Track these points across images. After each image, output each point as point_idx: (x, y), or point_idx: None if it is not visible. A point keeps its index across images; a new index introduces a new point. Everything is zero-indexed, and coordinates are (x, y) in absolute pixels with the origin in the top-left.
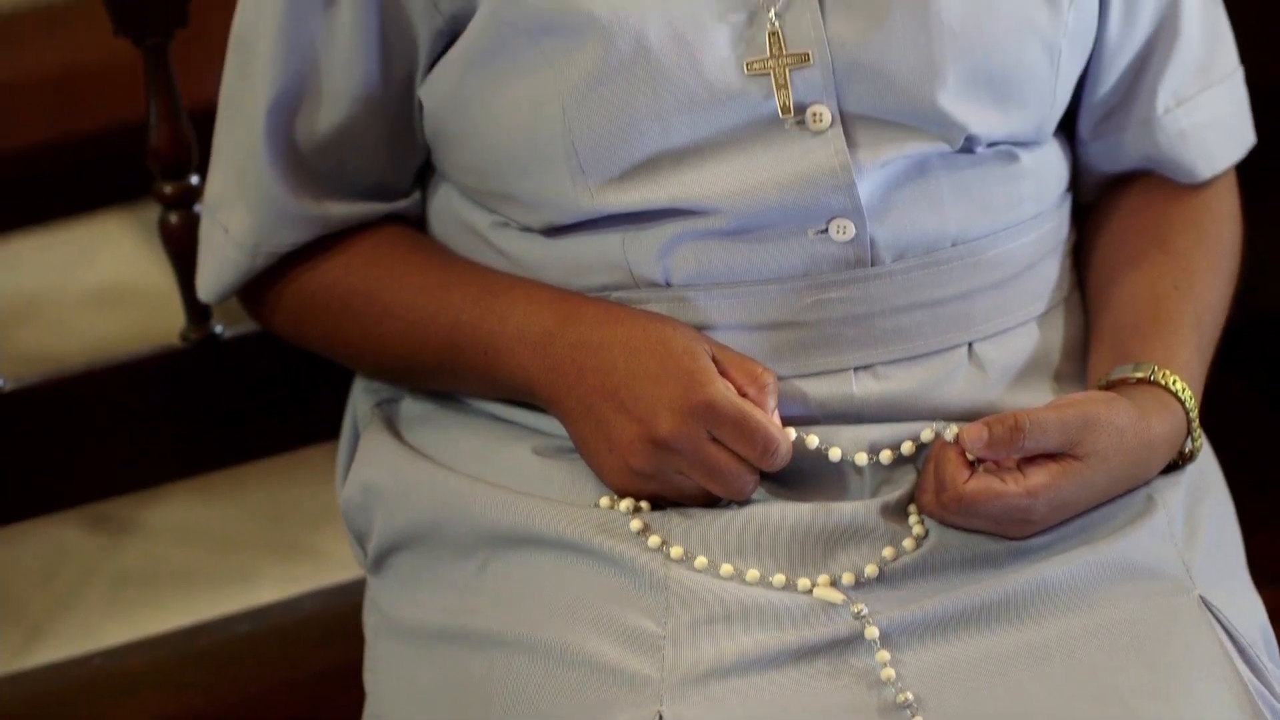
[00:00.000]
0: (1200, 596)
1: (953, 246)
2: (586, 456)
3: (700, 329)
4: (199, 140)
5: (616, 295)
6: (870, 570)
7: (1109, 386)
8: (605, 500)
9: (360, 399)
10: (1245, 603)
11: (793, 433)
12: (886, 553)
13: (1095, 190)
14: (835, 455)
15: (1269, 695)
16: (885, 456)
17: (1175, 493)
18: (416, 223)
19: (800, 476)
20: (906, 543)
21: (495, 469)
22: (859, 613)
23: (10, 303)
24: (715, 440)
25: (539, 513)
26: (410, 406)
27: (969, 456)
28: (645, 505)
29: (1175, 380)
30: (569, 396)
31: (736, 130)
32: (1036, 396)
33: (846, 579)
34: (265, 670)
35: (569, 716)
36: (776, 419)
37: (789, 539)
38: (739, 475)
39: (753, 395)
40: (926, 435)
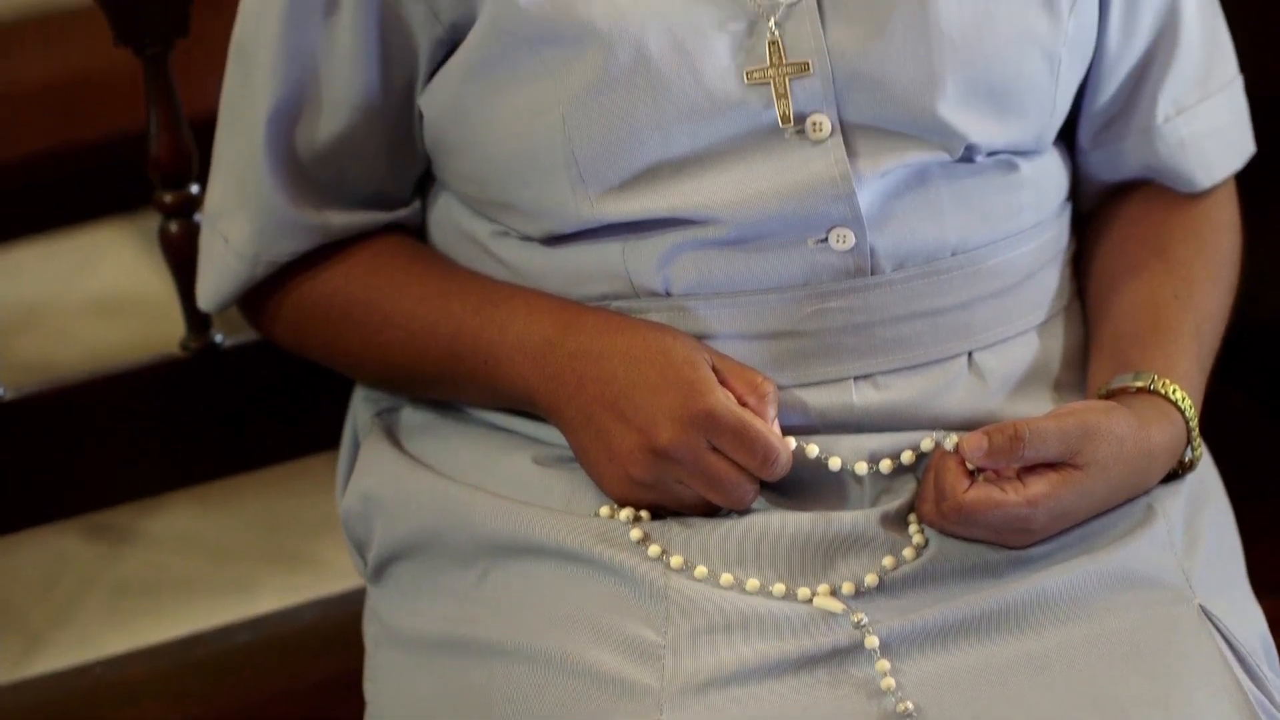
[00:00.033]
0: (1200, 606)
1: (952, 256)
2: (586, 466)
3: (700, 338)
4: (199, 149)
5: (616, 304)
6: (870, 579)
7: (1109, 396)
8: (605, 510)
9: (360, 408)
10: (1245, 612)
11: (793, 442)
12: (886, 562)
13: (1095, 199)
14: (835, 464)
15: (1269, 705)
16: (885, 466)
17: (1175, 502)
18: (416, 232)
19: (800, 486)
20: (906, 552)
21: (495, 478)
22: (859, 622)
23: (11, 311)
24: (715, 450)
25: (539, 522)
26: (410, 416)
27: (969, 466)
28: (645, 515)
29: (1175, 389)
30: (569, 406)
31: (736, 139)
32: (1036, 406)
33: (846, 588)
34: (265, 680)
35: None
36: (776, 428)
37: (789, 548)
38: (739, 485)
39: (753, 405)
40: (926, 444)
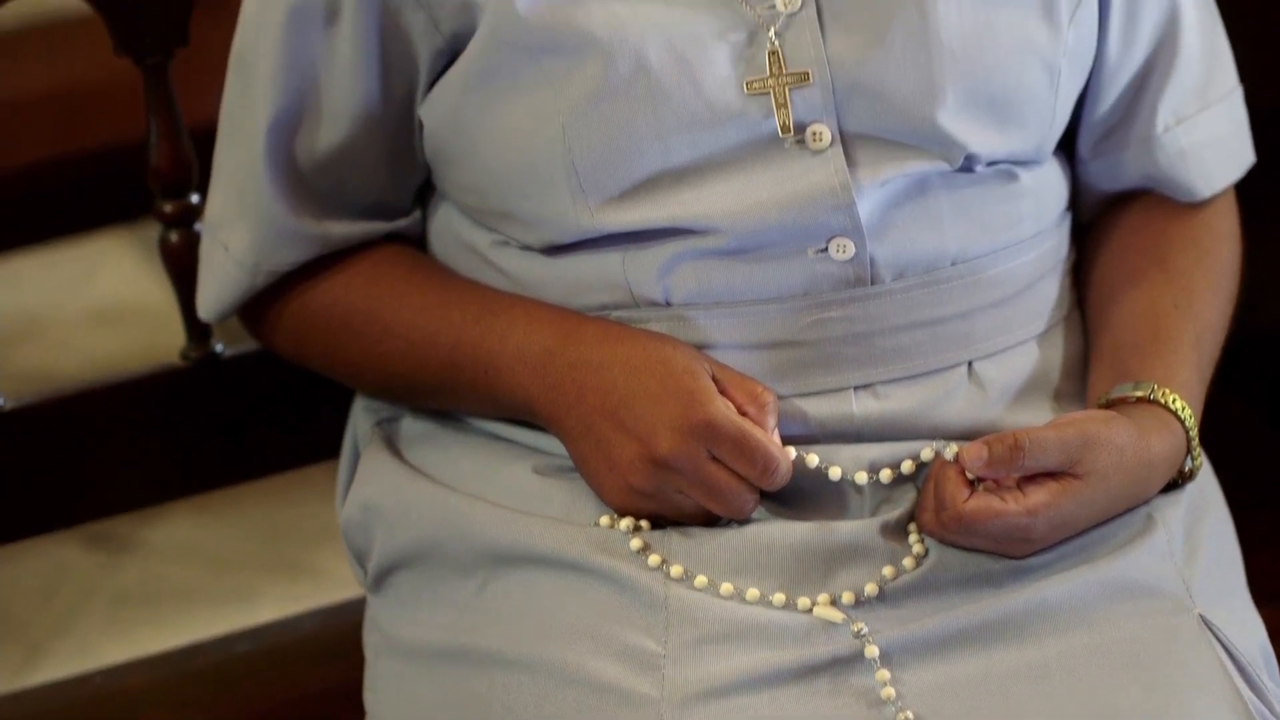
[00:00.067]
0: (1200, 615)
1: (952, 265)
2: (586, 475)
3: (700, 348)
4: (199, 159)
5: (616, 314)
6: (870, 589)
7: (1109, 405)
8: (605, 519)
9: (360, 418)
10: (1245, 621)
11: (792, 452)
12: (886, 571)
13: (1095, 209)
14: (835, 474)
15: (1269, 715)
16: (885, 475)
17: (1175, 511)
18: (417, 242)
19: (800, 495)
20: (906, 561)
21: (495, 488)
22: (859, 631)
23: (11, 321)
24: (715, 459)
25: (539, 532)
26: (410, 425)
27: (969, 475)
28: (645, 524)
29: (1175, 399)
30: (569, 415)
31: (736, 149)
32: (1036, 415)
33: (846, 598)
34: (265, 689)
35: None
36: (776, 438)
37: (789, 558)
38: (739, 494)
39: (753, 414)
40: (926, 454)
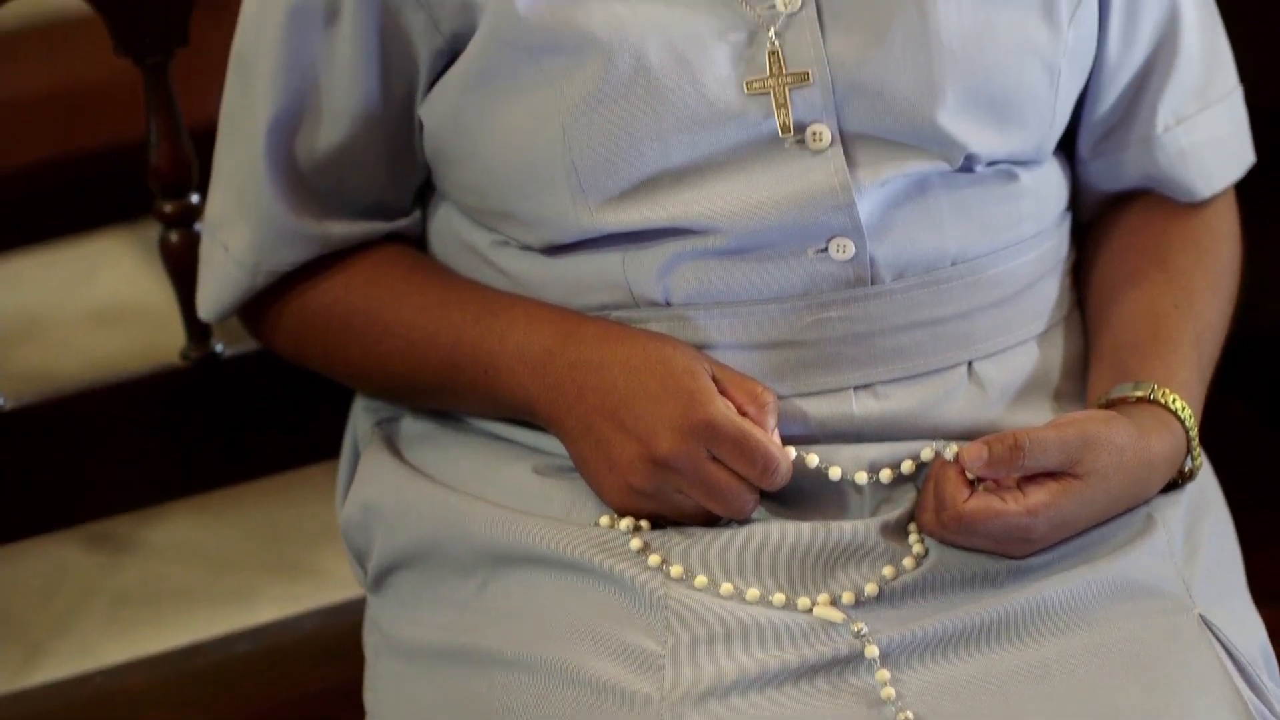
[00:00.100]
0: (1200, 615)
1: (952, 265)
2: (586, 476)
3: (700, 348)
4: (199, 159)
5: (616, 314)
6: (870, 589)
7: (1109, 405)
8: (605, 519)
9: (360, 418)
10: (1245, 621)
11: (792, 452)
12: (886, 571)
13: (1095, 209)
14: (835, 474)
15: (1269, 715)
16: (885, 475)
17: (1175, 511)
18: (417, 242)
19: (800, 495)
20: (906, 561)
21: (495, 488)
22: (859, 631)
23: (11, 321)
24: (715, 459)
25: (539, 532)
26: (410, 425)
27: (969, 475)
28: (645, 524)
29: (1175, 399)
30: (569, 416)
31: (736, 149)
32: (1036, 415)
33: (846, 598)
34: (265, 689)
35: None
36: (776, 438)
37: (789, 558)
38: (739, 494)
39: (753, 414)
40: (926, 454)
